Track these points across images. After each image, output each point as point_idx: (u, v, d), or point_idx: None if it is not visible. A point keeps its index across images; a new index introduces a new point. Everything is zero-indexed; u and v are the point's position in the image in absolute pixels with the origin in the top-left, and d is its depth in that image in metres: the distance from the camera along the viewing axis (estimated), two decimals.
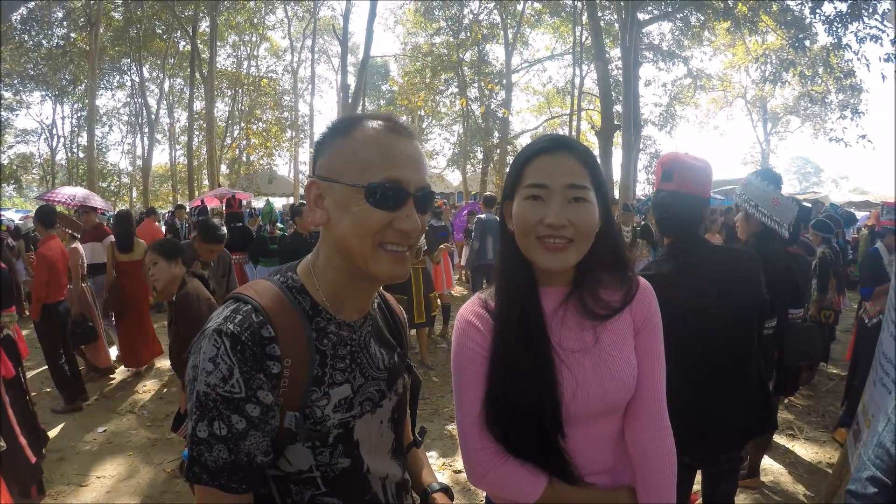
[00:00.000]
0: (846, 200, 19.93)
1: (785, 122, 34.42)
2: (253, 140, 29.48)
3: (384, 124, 1.11)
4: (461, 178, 30.77)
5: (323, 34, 35.52)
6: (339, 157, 1.08)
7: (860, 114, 16.24)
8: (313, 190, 1.11)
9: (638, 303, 1.40)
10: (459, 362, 1.40)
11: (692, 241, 2.29)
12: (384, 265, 1.09)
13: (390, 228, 1.07)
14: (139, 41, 27.05)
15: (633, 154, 14.21)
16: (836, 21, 12.91)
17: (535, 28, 29.32)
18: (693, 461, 2.29)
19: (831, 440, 4.87)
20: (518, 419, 1.33)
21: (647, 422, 1.39)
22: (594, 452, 1.40)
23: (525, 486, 1.35)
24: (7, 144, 33.72)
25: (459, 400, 1.40)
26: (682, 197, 2.26)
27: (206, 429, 0.97)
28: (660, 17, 17.83)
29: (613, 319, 1.37)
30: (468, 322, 1.41)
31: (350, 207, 1.05)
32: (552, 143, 1.33)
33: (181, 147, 34.20)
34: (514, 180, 1.36)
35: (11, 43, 25.32)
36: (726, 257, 2.31)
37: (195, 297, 3.48)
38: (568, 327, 1.36)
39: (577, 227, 1.27)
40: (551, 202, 1.27)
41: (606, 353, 1.35)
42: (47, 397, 5.93)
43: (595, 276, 1.39)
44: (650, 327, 1.41)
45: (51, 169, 33.93)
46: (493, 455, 1.37)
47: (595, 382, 1.33)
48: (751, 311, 2.29)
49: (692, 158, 2.32)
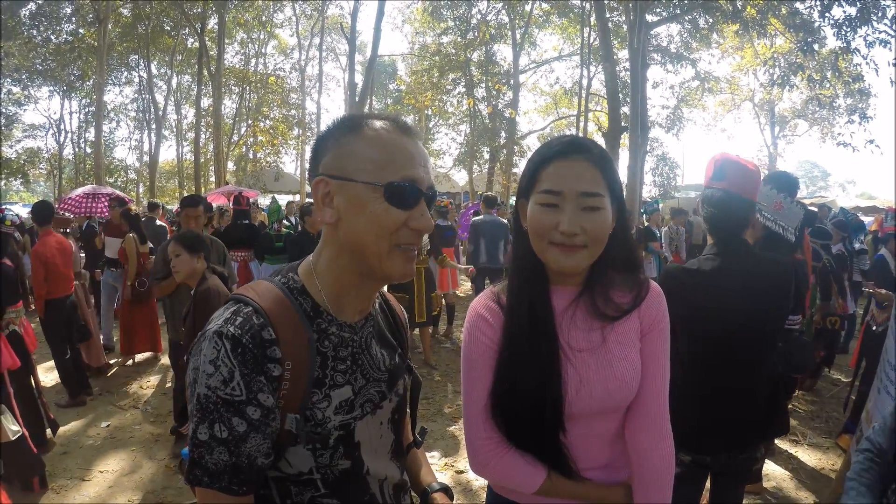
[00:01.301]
0: (853, 205, 19.78)
1: (793, 126, 34.25)
2: (260, 137, 29.50)
3: (392, 123, 1.12)
4: (467, 177, 30.72)
5: (331, 32, 35.47)
6: (352, 155, 1.08)
7: (868, 118, 16.14)
8: (321, 188, 1.10)
9: (647, 306, 1.42)
10: (469, 354, 1.44)
11: (737, 243, 2.30)
12: (398, 265, 1.10)
13: (405, 227, 1.08)
14: (147, 38, 27.06)
15: (639, 156, 14.16)
16: (845, 25, 12.84)
17: (543, 29, 29.25)
18: (708, 458, 2.29)
19: (835, 446, 4.85)
20: (521, 412, 1.36)
21: (647, 423, 1.41)
22: (592, 449, 1.43)
23: (525, 476, 1.39)
24: (15, 139, 33.85)
25: (467, 390, 1.43)
26: (733, 197, 2.26)
27: (206, 431, 0.97)
28: (668, 19, 17.74)
29: (621, 321, 1.39)
30: (479, 315, 1.45)
31: (366, 206, 1.06)
32: (568, 147, 1.34)
33: (188, 143, 34.23)
34: (529, 181, 1.38)
35: (20, 38, 25.40)
36: (764, 263, 2.31)
37: (215, 293, 3.53)
38: (576, 326, 1.39)
39: (590, 234, 1.30)
40: (565, 209, 1.29)
41: (612, 354, 1.37)
42: (51, 391, 5.95)
43: (606, 277, 1.41)
44: (657, 331, 1.42)
45: (58, 164, 34.03)
46: (496, 445, 1.40)
47: (598, 382, 1.35)
48: (776, 316, 2.31)
49: (743, 160, 2.32)
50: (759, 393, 2.31)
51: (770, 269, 2.29)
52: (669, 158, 26.42)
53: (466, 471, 4.32)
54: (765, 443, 3.32)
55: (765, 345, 2.30)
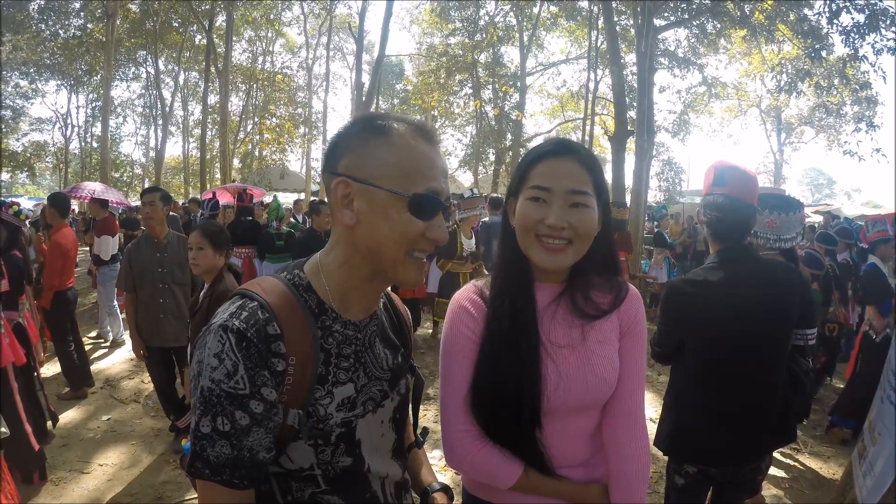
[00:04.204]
0: (858, 214, 19.75)
1: (799, 133, 34.15)
2: (266, 135, 29.55)
3: (419, 131, 1.12)
4: (473, 179, 30.70)
5: (339, 32, 35.53)
6: (377, 160, 1.08)
7: (875, 127, 16.09)
8: (341, 189, 1.10)
9: (626, 307, 1.47)
10: (449, 345, 1.46)
11: (740, 249, 2.30)
12: (411, 272, 1.11)
13: (422, 237, 1.09)
14: (155, 34, 27.17)
15: (645, 160, 14.09)
16: (854, 32, 12.79)
17: (550, 31, 29.21)
18: (714, 469, 2.28)
19: (836, 455, 4.84)
20: (500, 406, 1.38)
21: (624, 421, 1.45)
22: (569, 446, 1.45)
23: (501, 471, 1.40)
24: (21, 132, 33.98)
25: (445, 382, 1.45)
26: (736, 202, 2.26)
27: (209, 424, 0.98)
28: (676, 24, 17.67)
29: (601, 320, 1.43)
30: (462, 307, 1.47)
31: (389, 214, 1.06)
32: (558, 147, 1.39)
33: (194, 140, 34.32)
34: (519, 180, 1.42)
35: (28, 32, 25.52)
36: (770, 269, 2.30)
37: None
38: (558, 323, 1.42)
39: (576, 230, 1.33)
40: (553, 204, 1.33)
41: (591, 352, 1.41)
42: (53, 383, 5.98)
43: (588, 278, 1.44)
44: (635, 332, 1.47)
45: (64, 158, 34.17)
46: (474, 439, 1.42)
47: (578, 378, 1.39)
48: (785, 323, 2.29)
49: (742, 166, 2.32)
50: (768, 405, 2.29)
51: (774, 273, 2.28)
52: (675, 163, 26.35)
53: (443, 452, 4.30)
54: (770, 453, 3.29)
55: (773, 355, 2.28)
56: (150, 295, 4.60)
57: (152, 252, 4.64)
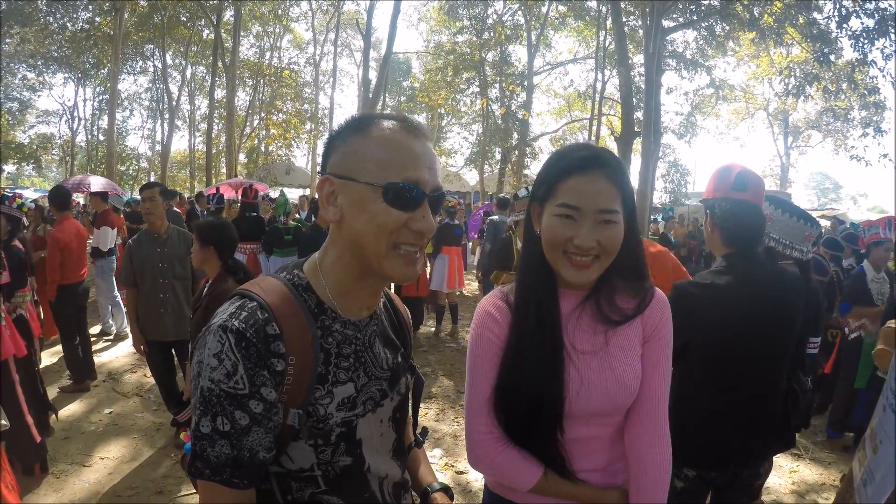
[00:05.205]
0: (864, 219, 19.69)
1: (806, 137, 34.10)
2: (272, 130, 29.60)
3: (400, 124, 1.11)
4: (478, 177, 30.71)
5: (346, 28, 35.59)
6: (355, 155, 1.08)
7: (883, 132, 16.02)
8: (326, 187, 1.11)
9: (650, 313, 1.45)
10: (475, 350, 1.47)
11: (753, 254, 2.28)
12: (398, 267, 1.09)
13: (405, 228, 1.07)
14: (163, 28, 27.23)
15: (651, 161, 14.08)
16: (863, 37, 12.76)
17: (558, 31, 29.20)
18: (714, 473, 2.27)
19: (836, 461, 4.83)
20: (522, 409, 1.39)
21: (646, 427, 1.44)
22: (590, 451, 1.45)
23: (522, 473, 1.41)
24: (28, 124, 34.12)
25: (470, 385, 1.46)
26: (755, 209, 2.24)
27: (209, 424, 0.98)
28: (685, 25, 17.65)
29: (624, 326, 1.42)
30: (488, 313, 1.48)
31: (366, 206, 1.06)
32: (588, 162, 1.35)
33: (200, 134, 34.45)
34: (546, 190, 1.39)
35: (36, 24, 25.60)
36: (778, 274, 2.29)
37: None
38: (581, 329, 1.42)
39: (604, 247, 1.33)
40: (582, 224, 1.32)
41: (614, 358, 1.41)
42: (55, 375, 6.00)
43: (612, 283, 1.43)
44: (659, 338, 1.46)
45: (70, 150, 34.28)
46: (496, 441, 1.43)
47: (599, 384, 1.39)
48: (790, 327, 2.28)
49: (753, 170, 2.31)
50: (770, 409, 2.29)
51: (782, 278, 2.27)
52: (681, 165, 26.30)
53: (467, 471, 4.31)
54: (770, 458, 3.27)
55: (776, 359, 2.27)
56: (151, 289, 4.61)
57: (153, 247, 4.65)
